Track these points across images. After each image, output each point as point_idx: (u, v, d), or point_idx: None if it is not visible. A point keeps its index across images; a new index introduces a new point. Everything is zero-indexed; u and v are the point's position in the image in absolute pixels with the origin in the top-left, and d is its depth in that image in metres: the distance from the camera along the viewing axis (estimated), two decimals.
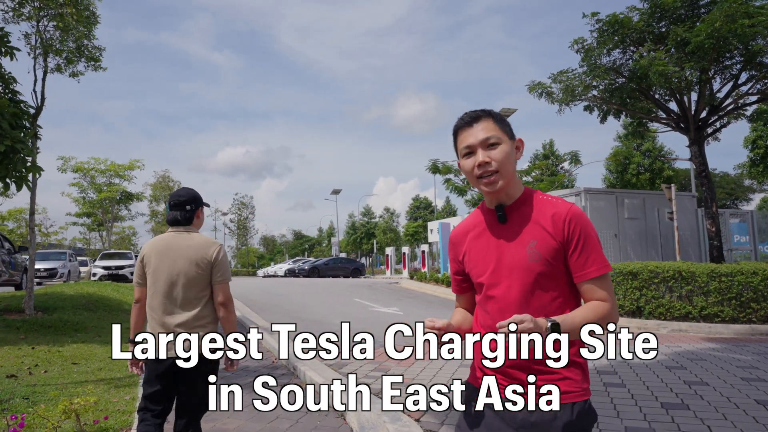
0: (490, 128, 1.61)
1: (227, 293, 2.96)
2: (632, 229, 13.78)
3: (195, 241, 2.95)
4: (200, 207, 3.08)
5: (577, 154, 22.69)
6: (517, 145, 1.66)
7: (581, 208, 13.17)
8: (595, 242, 1.57)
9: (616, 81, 12.53)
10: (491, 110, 1.67)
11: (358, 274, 37.27)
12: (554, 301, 1.57)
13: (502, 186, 1.60)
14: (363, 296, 15.82)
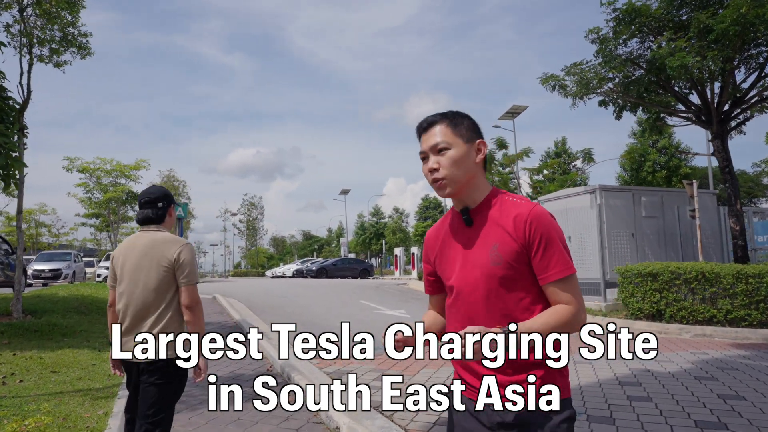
0: (441, 133, 1.60)
1: (193, 296, 2.77)
2: (650, 228, 13.17)
3: (159, 240, 2.81)
4: (172, 205, 2.97)
5: (590, 152, 22.11)
6: (478, 147, 1.62)
7: (597, 206, 12.60)
8: (557, 244, 1.52)
9: (633, 73, 11.95)
10: (450, 113, 1.64)
11: (366, 275, 36.81)
12: (520, 302, 1.55)
13: (452, 191, 1.60)
14: (370, 298, 15.35)
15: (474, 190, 1.62)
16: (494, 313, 1.56)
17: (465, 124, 1.63)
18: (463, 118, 1.64)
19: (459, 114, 1.66)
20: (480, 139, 1.64)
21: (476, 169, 1.61)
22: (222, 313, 11.31)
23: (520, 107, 27.39)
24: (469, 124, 1.64)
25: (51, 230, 44.04)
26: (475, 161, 1.61)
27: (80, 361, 6.33)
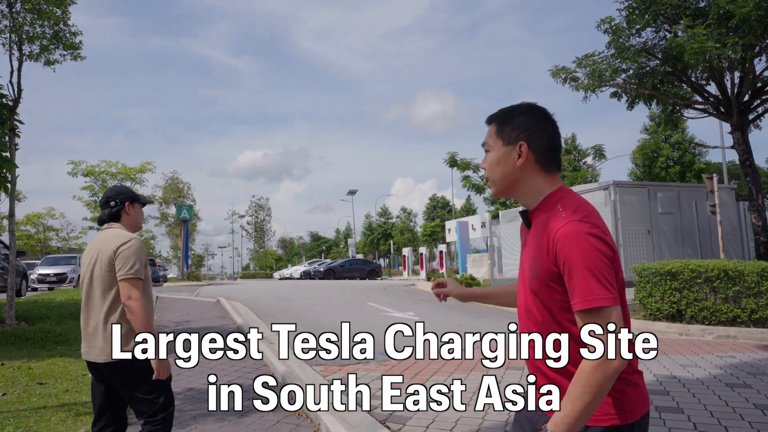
0: (488, 133, 1.58)
1: (130, 291, 2.63)
2: (666, 224, 12.72)
3: (106, 237, 2.76)
4: (129, 202, 2.88)
5: (601, 148, 21.55)
6: (519, 150, 1.50)
7: (611, 202, 12.17)
8: (580, 269, 1.32)
9: (647, 64, 11.50)
10: (507, 110, 1.56)
11: (374, 276, 36.45)
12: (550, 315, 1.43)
13: (495, 192, 1.59)
14: (377, 300, 14.98)
15: (524, 194, 1.53)
16: (529, 322, 1.50)
17: (513, 124, 1.52)
18: (515, 116, 1.53)
19: (515, 110, 1.55)
20: (522, 141, 1.50)
21: (519, 172, 1.51)
22: (224, 317, 10.98)
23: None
24: (519, 122, 1.51)
25: (59, 234, 43.99)
26: (516, 165, 1.50)
27: (70, 371, 6.00)
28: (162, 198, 37.41)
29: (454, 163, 20.43)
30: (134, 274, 2.66)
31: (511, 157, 1.50)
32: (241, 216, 68.60)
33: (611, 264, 1.35)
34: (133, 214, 2.90)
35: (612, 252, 1.36)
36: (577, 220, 1.36)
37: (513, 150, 1.50)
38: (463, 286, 1.97)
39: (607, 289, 1.30)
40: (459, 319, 11.06)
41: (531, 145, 1.49)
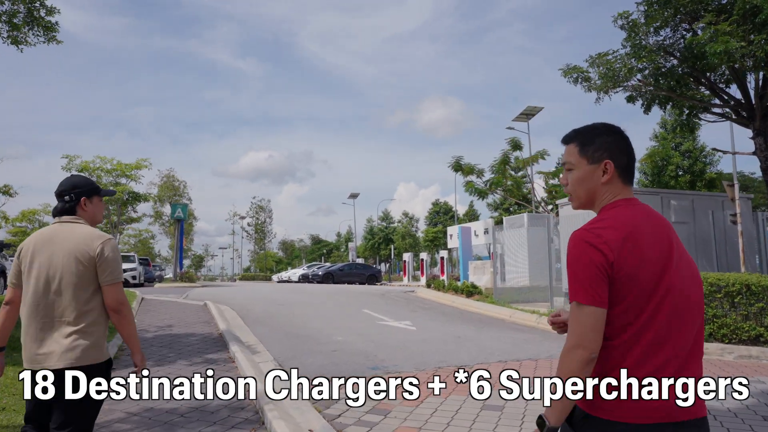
0: (569, 153, 1.73)
1: (119, 296, 2.56)
2: (680, 234, 11.98)
3: (77, 233, 2.56)
4: (85, 196, 2.68)
5: None
6: (605, 167, 1.67)
7: None
8: (568, 269, 1.57)
9: (664, 64, 10.85)
10: (585, 130, 1.72)
11: (374, 281, 35.76)
12: None
13: (577, 206, 1.76)
14: (373, 307, 14.30)
15: (597, 205, 1.72)
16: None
17: (596, 144, 1.69)
18: (596, 137, 1.69)
19: (595, 131, 1.70)
20: (608, 159, 1.66)
21: (601, 187, 1.69)
22: (209, 322, 10.32)
23: (535, 108, 26.27)
24: (601, 143, 1.68)
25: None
26: (601, 181, 1.67)
27: (17, 385, 5.34)
28: (157, 196, 36.74)
29: (459, 168, 19.85)
30: (120, 277, 2.60)
31: (596, 174, 1.67)
32: (242, 217, 68.03)
33: (598, 269, 1.50)
34: (90, 210, 2.70)
35: (604, 259, 1.50)
36: (586, 228, 1.57)
37: (598, 168, 1.67)
38: None
39: (583, 289, 1.50)
40: (458, 329, 10.38)
41: (615, 164, 1.66)
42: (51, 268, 2.50)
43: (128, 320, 2.58)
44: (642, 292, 1.52)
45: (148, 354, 7.41)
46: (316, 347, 8.23)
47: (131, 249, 54.85)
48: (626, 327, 1.52)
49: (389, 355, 7.69)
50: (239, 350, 7.24)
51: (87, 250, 2.51)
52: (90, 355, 2.49)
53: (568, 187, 1.73)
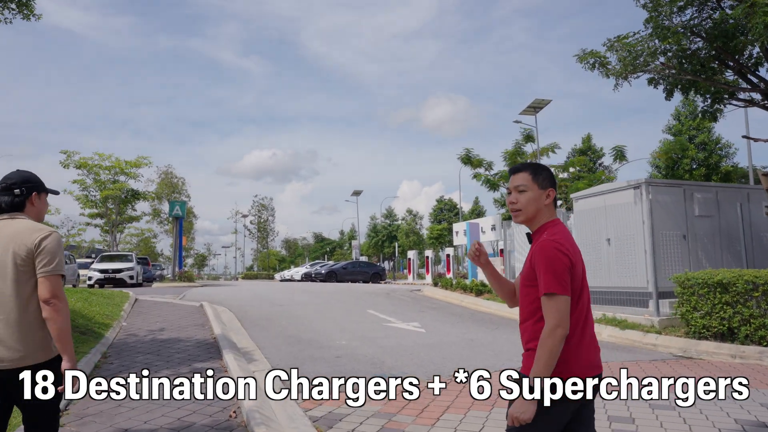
0: (523, 178, 2.24)
1: (54, 288, 2.43)
2: (704, 229, 11.31)
3: (17, 228, 2.48)
4: (36, 192, 2.63)
5: (621, 150, 20.16)
6: (548, 193, 2.24)
7: (642, 203, 10.79)
8: (545, 269, 2.04)
9: (689, 46, 10.12)
10: (530, 165, 2.29)
11: (378, 279, 35.08)
12: (532, 303, 2.14)
13: (522, 220, 2.26)
14: (379, 307, 13.62)
15: (536, 222, 2.24)
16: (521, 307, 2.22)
17: (543, 175, 2.25)
18: (542, 170, 2.27)
19: (540, 167, 2.29)
20: (551, 188, 2.25)
21: (543, 208, 2.23)
22: (203, 326, 9.66)
23: (543, 101, 25.55)
24: (546, 175, 2.26)
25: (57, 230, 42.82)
26: (544, 204, 2.23)
27: None
28: (154, 193, 35.92)
29: (468, 160, 19.14)
30: (60, 270, 2.49)
31: (537, 197, 2.22)
32: (244, 215, 67.47)
33: (566, 268, 2.05)
34: (38, 205, 2.66)
35: (570, 261, 2.07)
36: (551, 239, 2.10)
37: (544, 193, 2.23)
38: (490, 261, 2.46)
39: (558, 283, 2.02)
40: (470, 331, 9.70)
41: (555, 192, 2.27)
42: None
43: (62, 315, 2.45)
44: (578, 285, 2.10)
45: (133, 363, 6.76)
46: (318, 353, 7.56)
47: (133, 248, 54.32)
48: (573, 310, 2.08)
49: (398, 361, 7.01)
50: (233, 358, 6.57)
51: (27, 243, 2.45)
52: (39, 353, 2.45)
53: (519, 204, 2.22)
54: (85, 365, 6.24)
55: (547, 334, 1.98)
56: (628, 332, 9.21)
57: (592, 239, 12.08)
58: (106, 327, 8.95)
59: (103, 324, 9.10)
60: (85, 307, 10.12)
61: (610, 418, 4.61)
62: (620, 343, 8.80)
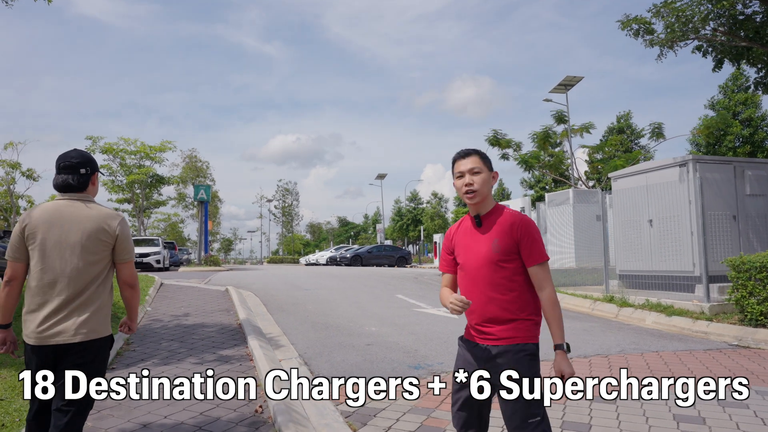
0: (475, 161, 2.40)
1: (133, 272, 2.73)
2: (756, 209, 10.58)
3: (94, 212, 2.62)
4: (96, 173, 2.78)
5: (660, 127, 19.22)
6: (494, 175, 2.44)
7: (689, 180, 10.12)
8: (536, 240, 2.31)
9: (743, 10, 9.35)
10: (476, 151, 2.44)
11: (403, 263, 34.73)
12: (510, 276, 2.32)
13: (478, 201, 2.38)
14: (407, 291, 13.23)
15: (486, 203, 2.41)
16: (492, 281, 2.32)
17: (488, 160, 2.44)
18: (485, 155, 2.44)
19: (483, 152, 2.45)
20: (494, 171, 2.45)
21: (490, 189, 2.43)
22: (228, 311, 9.38)
23: (575, 78, 24.56)
24: (489, 159, 2.45)
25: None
26: (491, 184, 2.43)
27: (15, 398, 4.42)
28: (179, 177, 35.80)
29: (496, 142, 18.50)
30: (134, 257, 2.75)
31: (488, 179, 2.41)
32: (269, 200, 67.64)
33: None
34: (97, 185, 2.80)
35: None
36: (522, 214, 2.37)
37: (491, 174, 2.43)
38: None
39: (545, 251, 2.33)
40: None
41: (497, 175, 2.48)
42: (66, 245, 2.53)
43: (138, 295, 2.81)
44: None
45: (156, 350, 6.48)
46: (348, 340, 7.19)
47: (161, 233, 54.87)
48: None
49: (433, 350, 6.60)
50: (258, 345, 6.23)
51: (104, 226, 2.60)
52: (102, 328, 2.62)
53: (475, 185, 2.37)
54: None
55: (554, 297, 2.28)
56: (675, 319, 8.64)
57: (632, 220, 11.44)
58: None
59: None
60: None
61: (677, 417, 4.13)
62: (667, 330, 8.24)
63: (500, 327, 2.29)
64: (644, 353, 6.50)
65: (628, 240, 11.64)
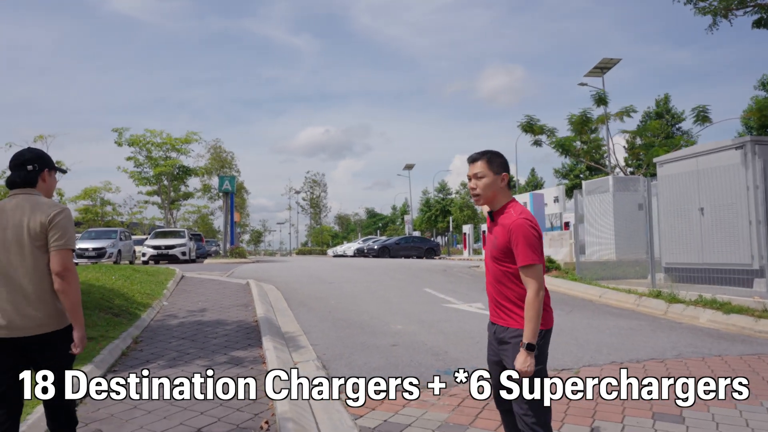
0: (480, 166, 2.59)
1: (65, 262, 2.56)
2: None
3: (38, 206, 2.60)
4: (47, 169, 2.74)
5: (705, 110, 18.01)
6: (502, 177, 2.59)
7: (748, 164, 9.20)
8: (522, 244, 2.43)
9: None
10: (488, 152, 2.63)
11: (432, 255, 34.05)
12: (506, 270, 2.53)
13: (481, 202, 2.64)
14: (436, 285, 12.59)
15: (496, 202, 2.61)
16: (491, 273, 2.63)
17: (497, 162, 2.60)
18: (497, 157, 2.61)
19: (495, 153, 2.63)
20: (505, 172, 2.60)
21: (499, 190, 2.59)
22: (247, 306, 8.90)
23: (611, 60, 23.38)
24: (500, 162, 2.60)
25: (116, 209, 43.86)
26: (500, 186, 2.59)
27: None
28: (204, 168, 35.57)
29: (530, 128, 17.62)
30: (70, 245, 2.62)
31: (494, 182, 2.58)
32: (297, 192, 67.58)
33: (539, 241, 2.45)
34: (49, 182, 2.76)
35: (539, 235, 2.47)
36: (524, 217, 2.48)
37: (498, 177, 2.58)
38: None
39: (537, 255, 2.41)
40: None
41: (509, 176, 2.62)
42: (11, 240, 2.55)
43: (73, 288, 2.59)
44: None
45: (165, 350, 6.01)
46: (371, 340, 6.60)
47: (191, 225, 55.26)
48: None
49: (464, 351, 5.96)
50: (272, 347, 5.69)
51: (41, 218, 2.57)
52: (55, 321, 2.59)
53: (478, 189, 2.59)
54: (110, 354, 5.52)
55: (533, 298, 2.39)
56: (733, 317, 7.78)
57: (681, 208, 10.55)
58: (145, 307, 8.32)
59: (142, 304, 8.48)
60: (125, 285, 9.56)
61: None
62: (725, 330, 7.41)
63: (503, 312, 2.59)
64: (705, 357, 5.74)
65: (675, 230, 10.76)
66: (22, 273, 2.54)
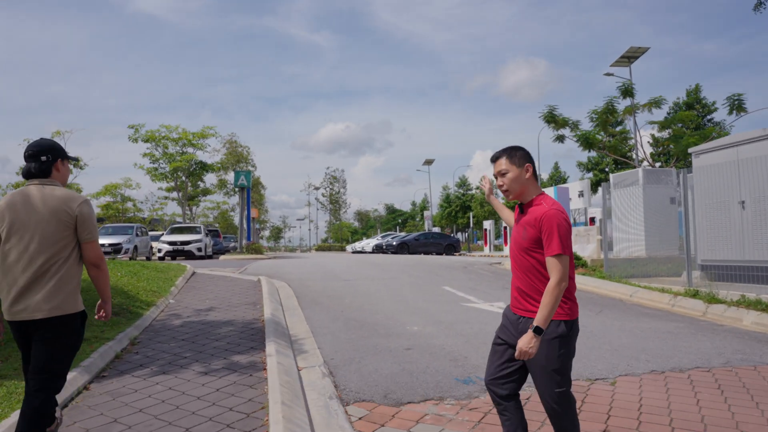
0: (503, 163, 2.68)
1: (97, 252, 2.81)
2: None
3: (56, 194, 2.75)
4: (60, 159, 2.86)
5: (740, 99, 17.10)
6: (526, 168, 2.66)
7: None
8: (554, 234, 2.45)
9: None
10: (509, 148, 2.71)
11: (452, 251, 33.39)
12: (536, 262, 2.56)
13: (512, 197, 2.69)
14: (455, 283, 12.02)
15: (526, 195, 2.67)
16: (518, 265, 2.65)
17: (518, 155, 2.67)
18: (517, 151, 2.68)
19: (515, 148, 2.70)
20: (528, 163, 2.66)
21: (526, 182, 2.65)
22: (255, 304, 8.46)
23: (639, 49, 22.45)
24: (521, 154, 2.68)
25: (137, 205, 44.04)
26: (525, 178, 2.65)
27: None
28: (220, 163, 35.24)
29: (552, 119, 16.91)
30: (97, 236, 2.81)
31: (522, 175, 2.65)
32: (316, 188, 67.36)
33: (569, 233, 2.48)
34: (62, 171, 2.89)
35: (569, 227, 2.50)
36: (554, 208, 2.51)
37: (522, 170, 2.65)
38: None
39: (565, 246, 2.45)
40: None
41: (533, 167, 2.68)
42: (30, 227, 2.66)
43: (105, 275, 2.87)
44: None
45: (160, 353, 5.57)
46: (384, 343, 6.09)
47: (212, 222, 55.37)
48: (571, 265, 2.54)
49: (486, 357, 5.39)
50: (276, 351, 5.21)
51: (65, 208, 2.71)
52: (67, 305, 2.70)
53: (506, 185, 2.66)
54: (101, 357, 5.10)
55: (553, 286, 2.43)
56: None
57: (719, 201, 9.82)
58: (149, 306, 7.93)
59: (146, 302, 8.09)
60: (130, 282, 9.19)
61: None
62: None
63: (527, 302, 2.59)
64: (757, 366, 5.12)
65: (713, 225, 10.03)
66: (32, 258, 2.67)
